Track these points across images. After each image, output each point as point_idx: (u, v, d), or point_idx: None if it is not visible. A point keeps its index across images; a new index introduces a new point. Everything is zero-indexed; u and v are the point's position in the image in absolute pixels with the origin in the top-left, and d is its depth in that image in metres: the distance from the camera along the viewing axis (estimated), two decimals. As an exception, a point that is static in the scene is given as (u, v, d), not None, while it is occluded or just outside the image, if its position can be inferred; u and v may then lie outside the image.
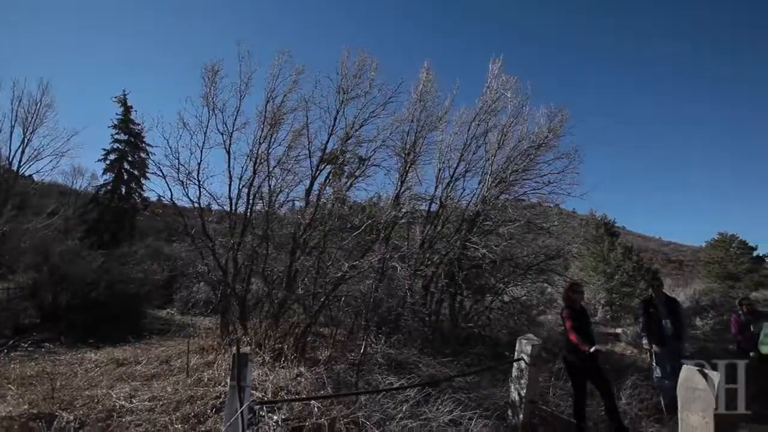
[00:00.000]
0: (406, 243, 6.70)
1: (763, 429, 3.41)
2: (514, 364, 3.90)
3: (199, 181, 6.27)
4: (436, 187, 6.90)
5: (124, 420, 3.66)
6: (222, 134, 6.56)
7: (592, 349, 3.66)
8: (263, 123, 6.84)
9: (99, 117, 54.56)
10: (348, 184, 7.42)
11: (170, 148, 6.01)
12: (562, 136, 6.30)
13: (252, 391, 4.16)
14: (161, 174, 6.25)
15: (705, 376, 2.26)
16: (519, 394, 3.82)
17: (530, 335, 3.99)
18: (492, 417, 3.71)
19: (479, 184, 6.62)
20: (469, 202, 6.62)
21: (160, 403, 4.06)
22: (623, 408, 4.18)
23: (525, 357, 3.79)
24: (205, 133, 6.37)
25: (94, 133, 47.42)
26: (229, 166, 6.58)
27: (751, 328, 4.66)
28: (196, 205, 6.29)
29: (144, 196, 18.42)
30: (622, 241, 12.46)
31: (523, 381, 3.80)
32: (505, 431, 3.66)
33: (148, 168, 17.11)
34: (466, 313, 7.16)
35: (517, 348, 3.95)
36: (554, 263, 7.33)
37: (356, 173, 7.41)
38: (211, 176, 6.49)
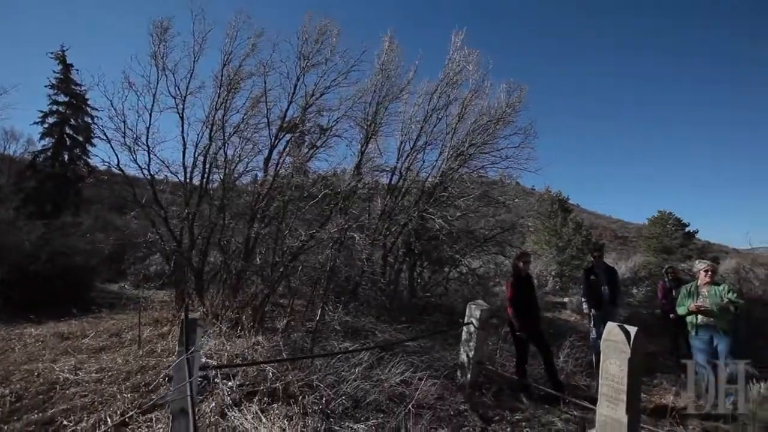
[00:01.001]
0: (367, 214, 6.74)
1: None
2: (464, 328, 4.12)
3: (148, 147, 5.92)
4: (398, 159, 6.93)
5: (68, 392, 3.54)
6: (174, 98, 6.19)
7: (519, 334, 4.25)
8: (219, 88, 6.51)
9: (33, 76, 49.40)
10: (309, 154, 7.28)
11: (114, 109, 5.60)
12: (520, 111, 6.47)
13: (208, 360, 4.15)
14: (105, 138, 5.84)
15: (624, 331, 2.50)
16: (468, 355, 4.06)
17: (480, 301, 4.21)
18: (441, 377, 3.92)
19: (439, 155, 6.72)
20: (429, 174, 6.73)
21: (109, 374, 3.96)
22: (561, 365, 4.57)
23: (474, 321, 4.01)
24: (154, 95, 5.99)
25: (29, 93, 42.96)
26: (182, 132, 6.26)
27: (674, 293, 5.17)
28: (145, 171, 5.96)
29: (90, 164, 17.12)
30: (574, 217, 13.19)
31: (471, 343, 4.03)
32: (454, 389, 3.89)
33: (94, 133, 15.86)
34: (424, 283, 7.39)
35: (467, 313, 4.16)
36: (510, 237, 7.67)
37: (317, 143, 7.27)
38: (162, 142, 6.14)
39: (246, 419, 3.16)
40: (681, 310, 4.23)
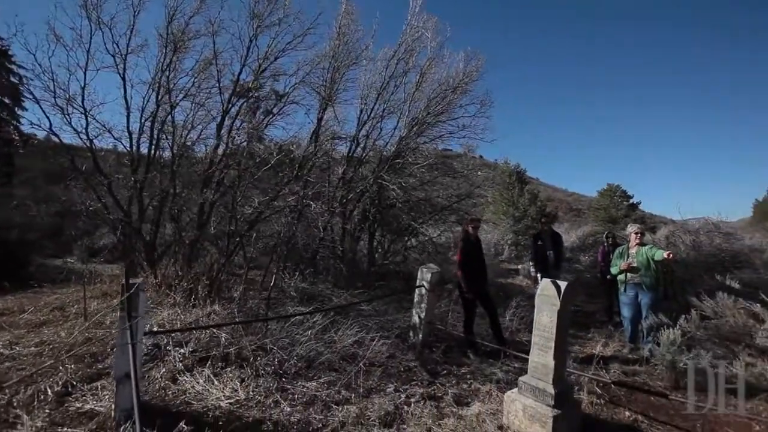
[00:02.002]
0: (326, 183, 6.67)
1: None
2: (416, 290, 4.28)
3: (84, 109, 5.47)
4: (357, 127, 6.84)
5: (1, 366, 3.37)
6: (113, 56, 5.72)
7: (467, 295, 4.48)
8: (165, 47, 6.07)
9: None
10: (265, 121, 7.04)
11: (39, 65, 5.09)
12: (477, 81, 6.53)
13: (158, 328, 4.07)
14: (33, 98, 5.33)
15: (556, 286, 2.71)
16: (419, 316, 4.25)
17: (431, 265, 4.37)
18: (392, 337, 4.09)
19: (397, 123, 6.69)
20: (387, 142, 6.71)
21: (50, 347, 3.81)
22: (506, 324, 4.90)
23: (425, 284, 4.17)
24: (88, 51, 5.48)
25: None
26: (125, 95, 5.83)
27: (611, 256, 5.61)
28: (83, 136, 5.53)
29: (21, 130, 15.52)
30: (531, 189, 13.74)
31: (423, 305, 4.21)
32: (405, 349, 4.07)
33: (23, 95, 14.35)
34: (384, 251, 7.54)
35: (418, 276, 4.32)
36: (471, 207, 7.91)
37: (274, 110, 7.02)
38: (101, 104, 5.68)
39: (198, 382, 3.17)
40: (614, 270, 4.63)
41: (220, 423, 2.60)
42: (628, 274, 4.44)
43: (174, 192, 5.85)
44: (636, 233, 4.52)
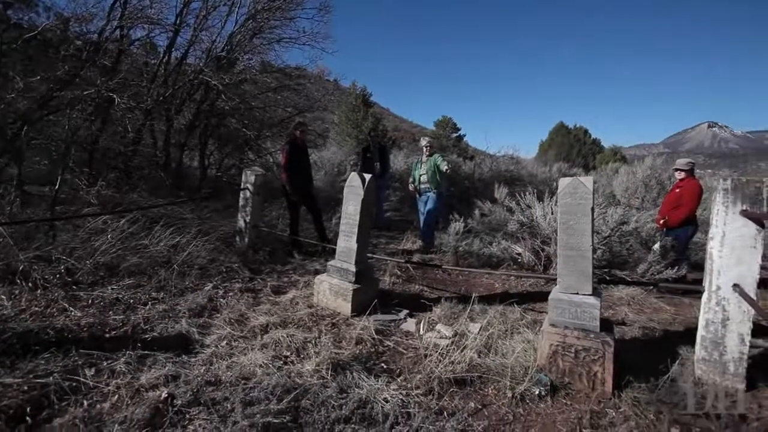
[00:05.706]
0: (142, 80, 5.50)
1: None
2: (241, 194, 4.18)
3: None
4: (178, 13, 5.67)
5: None
6: None
7: (291, 196, 4.52)
8: None
9: None
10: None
11: None
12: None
13: None
14: None
15: (361, 177, 3.03)
16: (245, 220, 4.21)
17: (256, 167, 4.28)
18: (214, 240, 3.99)
19: (228, 14, 5.80)
20: (216, 37, 5.82)
21: None
22: (332, 227, 5.31)
23: (249, 186, 4.10)
24: None
25: None
26: None
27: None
28: None
29: None
30: (374, 112, 14.31)
31: (248, 208, 4.17)
32: (230, 253, 4.02)
33: None
34: (219, 164, 6.98)
35: (243, 179, 4.19)
36: (312, 124, 7.77)
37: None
38: None
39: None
40: (411, 180, 5.40)
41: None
42: (421, 177, 5.21)
43: None
44: (426, 145, 5.26)
